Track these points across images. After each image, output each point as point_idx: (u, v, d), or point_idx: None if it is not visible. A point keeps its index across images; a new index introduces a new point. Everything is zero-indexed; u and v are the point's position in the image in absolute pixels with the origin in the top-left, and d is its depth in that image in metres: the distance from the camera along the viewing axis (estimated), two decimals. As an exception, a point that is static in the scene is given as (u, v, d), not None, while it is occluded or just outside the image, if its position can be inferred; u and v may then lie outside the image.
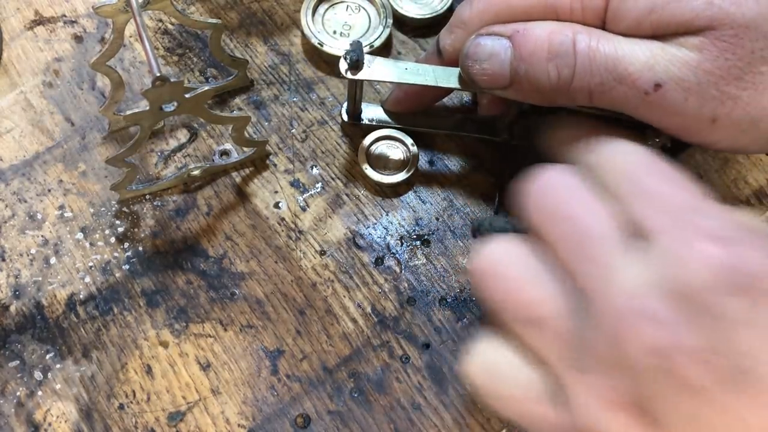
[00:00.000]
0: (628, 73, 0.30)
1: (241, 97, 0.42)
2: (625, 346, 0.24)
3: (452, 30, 0.35)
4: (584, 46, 0.30)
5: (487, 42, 0.32)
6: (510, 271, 0.28)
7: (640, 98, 0.30)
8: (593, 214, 0.27)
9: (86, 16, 0.45)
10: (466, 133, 0.40)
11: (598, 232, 0.27)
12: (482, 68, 0.32)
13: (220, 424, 0.35)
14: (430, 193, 0.40)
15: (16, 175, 0.40)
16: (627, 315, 0.24)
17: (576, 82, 0.30)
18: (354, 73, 0.35)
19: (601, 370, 0.25)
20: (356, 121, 0.41)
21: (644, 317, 0.24)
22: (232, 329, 0.37)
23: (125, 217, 0.39)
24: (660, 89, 0.29)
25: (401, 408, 0.35)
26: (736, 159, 0.41)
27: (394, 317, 0.37)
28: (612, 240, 0.26)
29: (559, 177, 0.29)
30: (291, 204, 0.40)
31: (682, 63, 0.29)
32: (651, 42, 0.30)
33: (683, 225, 0.25)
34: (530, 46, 0.31)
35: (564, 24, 0.31)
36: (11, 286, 0.37)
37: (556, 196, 0.28)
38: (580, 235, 0.27)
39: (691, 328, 0.24)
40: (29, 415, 0.35)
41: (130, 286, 0.37)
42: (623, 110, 0.31)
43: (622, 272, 0.25)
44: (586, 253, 0.26)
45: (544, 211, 0.28)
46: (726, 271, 0.24)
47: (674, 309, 0.24)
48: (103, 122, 0.41)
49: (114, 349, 0.36)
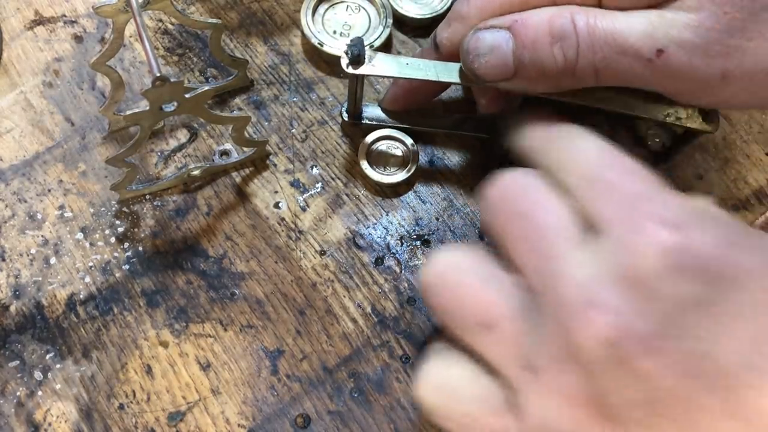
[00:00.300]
0: (629, 44, 0.30)
1: (241, 97, 0.42)
2: (577, 339, 0.24)
3: (450, 24, 0.35)
4: (583, 24, 0.30)
5: (487, 35, 0.32)
6: (459, 277, 0.28)
7: (644, 67, 0.30)
8: (545, 211, 0.27)
9: (86, 16, 0.45)
10: (465, 132, 0.40)
11: (549, 228, 0.26)
12: (485, 61, 0.32)
13: (220, 424, 0.35)
14: (430, 193, 0.40)
15: (16, 175, 0.40)
16: (577, 307, 0.24)
17: (581, 62, 0.30)
18: (355, 68, 0.35)
19: (555, 368, 0.25)
20: (357, 121, 0.40)
21: (594, 307, 0.24)
22: (232, 329, 0.37)
23: (125, 217, 0.39)
24: (663, 54, 0.29)
25: (401, 408, 0.35)
26: (736, 159, 0.41)
27: (394, 317, 0.37)
28: (563, 235, 0.26)
29: (515, 179, 0.29)
30: (291, 204, 0.40)
31: (681, 25, 0.29)
32: (648, 11, 0.30)
33: (633, 213, 0.25)
34: (531, 34, 0.31)
35: (559, 7, 0.31)
36: (11, 286, 0.37)
37: (511, 198, 0.28)
38: (531, 232, 0.27)
39: (643, 314, 0.23)
40: (29, 415, 0.35)
41: (130, 286, 0.38)
42: (632, 83, 0.31)
43: (572, 265, 0.25)
44: (537, 250, 0.26)
45: (499, 214, 0.28)
46: (675, 254, 0.23)
47: (624, 296, 0.24)
48: (103, 122, 0.41)
49: (114, 349, 0.36)
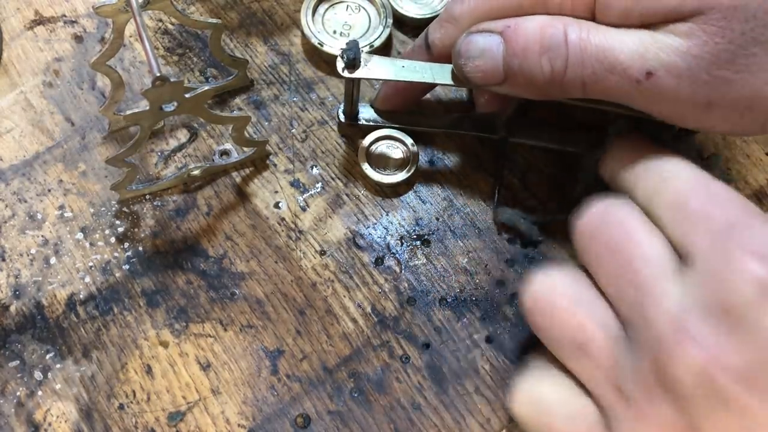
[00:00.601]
0: (619, 62, 0.30)
1: (241, 97, 0.42)
2: (670, 369, 0.24)
3: (442, 25, 0.35)
4: (575, 37, 0.30)
5: (479, 39, 0.32)
6: (560, 300, 0.29)
7: (632, 87, 0.30)
8: (639, 242, 0.27)
9: (86, 16, 0.45)
10: (464, 131, 0.40)
11: (643, 260, 0.27)
12: (475, 65, 0.32)
13: (220, 424, 0.35)
14: (430, 193, 0.40)
15: (16, 175, 0.40)
16: (670, 337, 0.24)
17: (569, 74, 0.30)
18: (351, 72, 0.35)
19: (649, 398, 0.25)
20: (353, 122, 0.40)
21: (687, 337, 0.24)
22: (232, 329, 0.37)
23: (125, 217, 0.39)
24: (652, 77, 0.29)
25: (401, 408, 0.35)
26: (736, 159, 0.41)
27: (394, 317, 0.37)
28: (656, 267, 0.26)
29: (608, 208, 0.29)
30: (291, 204, 0.40)
31: (672, 50, 0.29)
32: (641, 31, 0.30)
33: (725, 243, 0.25)
34: (522, 41, 0.31)
35: (554, 17, 0.31)
36: (11, 286, 0.37)
37: (604, 228, 0.29)
38: (624, 264, 0.27)
39: (734, 345, 0.24)
40: (29, 415, 0.35)
41: (130, 286, 0.37)
42: (617, 100, 0.31)
43: (666, 296, 0.25)
44: (630, 282, 0.27)
45: (593, 244, 0.29)
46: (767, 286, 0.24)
47: (716, 327, 0.24)
48: (103, 122, 0.41)
49: (114, 349, 0.36)
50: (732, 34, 0.28)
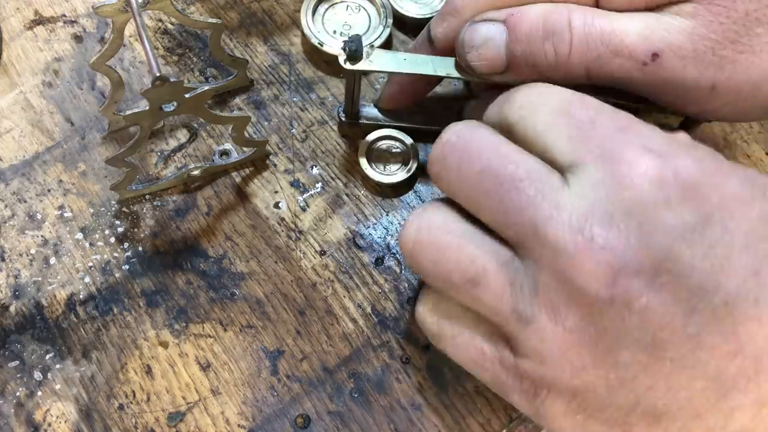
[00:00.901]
0: (625, 45, 0.29)
1: (241, 97, 0.42)
2: (575, 279, 0.24)
3: (444, 18, 0.35)
4: (580, 22, 0.30)
5: (482, 27, 0.32)
6: (442, 236, 0.28)
7: (638, 69, 0.30)
8: (513, 161, 0.26)
9: (86, 16, 0.45)
10: None
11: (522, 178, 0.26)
12: (478, 54, 0.32)
13: (220, 425, 0.35)
14: (430, 193, 0.40)
15: (16, 175, 0.40)
16: (570, 247, 0.24)
17: (573, 59, 0.30)
18: (353, 64, 0.35)
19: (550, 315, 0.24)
20: (354, 121, 0.40)
21: (590, 244, 0.23)
22: (232, 329, 0.37)
23: (125, 217, 0.39)
24: (658, 59, 0.29)
25: (401, 408, 0.35)
26: (737, 159, 0.41)
27: (394, 317, 0.37)
28: (539, 182, 0.25)
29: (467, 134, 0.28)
30: (291, 204, 0.40)
31: (677, 31, 0.29)
32: (645, 14, 0.30)
33: (617, 144, 0.25)
34: (525, 27, 0.31)
35: (557, 4, 0.31)
36: (11, 286, 0.37)
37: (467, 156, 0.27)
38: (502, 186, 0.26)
39: (637, 244, 0.23)
40: (29, 415, 0.35)
41: (130, 286, 0.37)
42: (621, 85, 0.31)
43: (558, 209, 0.24)
44: (514, 202, 0.26)
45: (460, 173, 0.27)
46: (666, 180, 0.23)
47: (617, 230, 0.23)
48: (103, 122, 0.41)
49: (114, 350, 0.36)
50: (737, 14, 0.28)
